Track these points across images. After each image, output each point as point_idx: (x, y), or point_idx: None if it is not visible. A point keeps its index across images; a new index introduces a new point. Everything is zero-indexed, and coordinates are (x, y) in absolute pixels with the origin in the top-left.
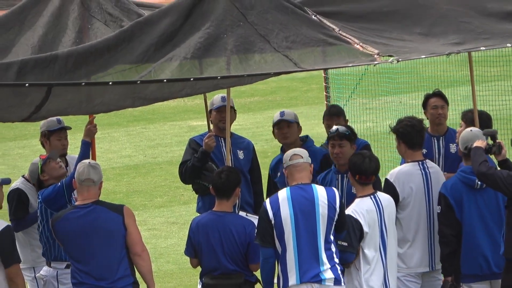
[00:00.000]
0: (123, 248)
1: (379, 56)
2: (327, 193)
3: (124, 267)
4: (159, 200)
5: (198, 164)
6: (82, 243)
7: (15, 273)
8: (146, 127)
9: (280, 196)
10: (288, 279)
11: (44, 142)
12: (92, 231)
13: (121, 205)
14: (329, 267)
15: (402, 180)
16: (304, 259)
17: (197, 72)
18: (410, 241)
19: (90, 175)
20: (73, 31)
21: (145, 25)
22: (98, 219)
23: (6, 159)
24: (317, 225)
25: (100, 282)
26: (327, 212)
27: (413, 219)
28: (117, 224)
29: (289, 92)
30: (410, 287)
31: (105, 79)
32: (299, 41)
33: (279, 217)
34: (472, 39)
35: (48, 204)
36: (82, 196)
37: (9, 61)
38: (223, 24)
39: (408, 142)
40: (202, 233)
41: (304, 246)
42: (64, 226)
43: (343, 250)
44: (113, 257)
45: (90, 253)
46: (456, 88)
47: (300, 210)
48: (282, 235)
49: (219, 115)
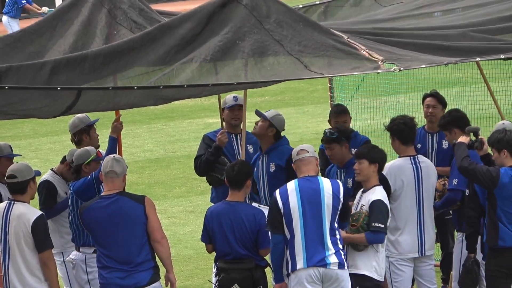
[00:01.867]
0: (144, 235)
1: (383, 63)
2: (332, 184)
3: (145, 253)
4: (178, 191)
5: (211, 158)
6: (107, 230)
7: (48, 257)
8: (166, 124)
9: (289, 187)
10: (296, 263)
11: (85, 137)
12: (116, 219)
13: (143, 196)
14: (334, 252)
15: (394, 173)
16: (310, 245)
17: (215, 73)
18: (401, 229)
19: (114, 167)
20: (101, 38)
21: (168, 29)
22: (121, 208)
23: (38, 153)
24: (322, 214)
25: (123, 265)
26: (332, 202)
27: (404, 209)
28: (139, 213)
29: (297, 92)
30: (402, 270)
31: (131, 77)
32: (310, 45)
33: (287, 206)
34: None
35: (79, 194)
36: (107, 187)
37: (43, 60)
38: (241, 30)
39: (402, 138)
40: (215, 221)
41: (310, 233)
42: (91, 214)
43: (378, 231)
44: (135, 243)
45: (114, 240)
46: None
47: (307, 200)
48: (290, 222)
49: (231, 113)
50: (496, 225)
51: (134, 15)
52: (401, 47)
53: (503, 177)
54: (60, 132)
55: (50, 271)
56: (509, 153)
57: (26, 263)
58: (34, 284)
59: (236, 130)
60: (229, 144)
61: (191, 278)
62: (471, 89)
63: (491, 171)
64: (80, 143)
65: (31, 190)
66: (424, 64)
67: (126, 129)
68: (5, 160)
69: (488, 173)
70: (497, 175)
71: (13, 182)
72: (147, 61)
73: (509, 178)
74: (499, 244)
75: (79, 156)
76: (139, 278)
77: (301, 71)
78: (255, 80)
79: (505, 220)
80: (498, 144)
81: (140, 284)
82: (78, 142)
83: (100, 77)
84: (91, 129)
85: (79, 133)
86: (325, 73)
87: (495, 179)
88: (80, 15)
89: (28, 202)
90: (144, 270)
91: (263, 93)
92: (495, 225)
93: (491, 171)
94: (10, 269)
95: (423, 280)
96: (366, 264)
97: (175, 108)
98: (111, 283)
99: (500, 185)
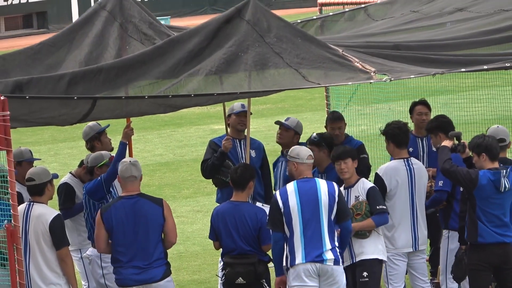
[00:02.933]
0: (160, 235)
1: (375, 74)
2: (328, 185)
3: (159, 250)
4: (186, 192)
5: (217, 162)
6: (127, 229)
7: (65, 254)
8: (175, 131)
9: (288, 188)
10: (295, 258)
11: (96, 143)
12: (136, 219)
13: (161, 199)
14: (330, 249)
15: (389, 174)
16: (308, 242)
17: (220, 83)
18: (396, 226)
19: (133, 172)
20: (113, 48)
21: (177, 43)
22: (142, 209)
23: (57, 157)
24: (320, 213)
25: (139, 262)
26: (328, 201)
27: (398, 207)
28: (157, 215)
29: (296, 100)
30: (397, 264)
31: (142, 87)
32: (308, 58)
33: (287, 206)
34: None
35: (90, 194)
36: (127, 189)
37: (62, 73)
38: (244, 44)
39: (396, 142)
40: (221, 219)
41: (308, 230)
42: (112, 214)
43: (383, 212)
44: (151, 242)
45: (133, 238)
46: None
47: (306, 200)
48: (290, 221)
49: (238, 118)
50: (475, 223)
51: (144, 28)
52: (391, 59)
53: (481, 179)
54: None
55: (68, 267)
56: (488, 157)
57: (45, 259)
58: (53, 278)
59: (240, 136)
60: (233, 149)
61: (199, 272)
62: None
63: (471, 173)
64: (93, 149)
65: (48, 192)
66: (413, 75)
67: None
68: (26, 164)
69: (468, 175)
70: (476, 177)
71: (32, 185)
72: (158, 72)
73: (487, 180)
74: (478, 241)
75: (93, 159)
76: (153, 274)
77: (299, 81)
78: (257, 90)
79: (484, 219)
80: (477, 148)
81: (155, 279)
82: (91, 149)
83: (113, 88)
84: (101, 135)
85: (90, 140)
86: (321, 83)
87: (474, 180)
88: (94, 28)
89: (46, 203)
90: (158, 267)
91: (265, 101)
92: (475, 223)
93: (471, 173)
94: (30, 265)
95: (416, 273)
96: (374, 249)
97: (183, 116)
98: (127, 278)
99: (479, 186)
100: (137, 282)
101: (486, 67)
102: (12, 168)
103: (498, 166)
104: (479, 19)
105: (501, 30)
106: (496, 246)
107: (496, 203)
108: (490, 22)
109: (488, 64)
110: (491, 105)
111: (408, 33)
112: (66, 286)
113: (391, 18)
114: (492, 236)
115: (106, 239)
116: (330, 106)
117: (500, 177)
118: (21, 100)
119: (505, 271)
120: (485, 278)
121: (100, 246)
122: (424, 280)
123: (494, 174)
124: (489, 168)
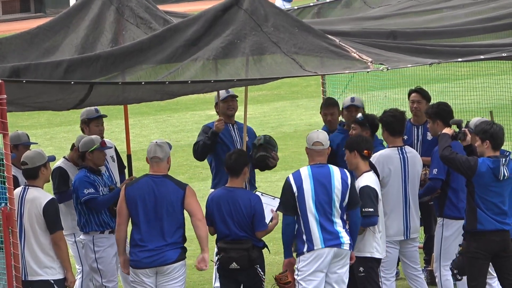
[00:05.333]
0: (180, 219)
1: (372, 64)
2: (341, 172)
3: (178, 235)
4: (182, 177)
5: (208, 142)
6: (148, 206)
7: (59, 237)
8: (171, 116)
9: (302, 173)
10: (313, 244)
11: (84, 128)
12: (158, 199)
13: (186, 184)
14: (344, 231)
15: (382, 162)
16: (324, 227)
17: (216, 71)
18: (388, 214)
19: (157, 153)
20: (110, 32)
21: (175, 31)
22: (165, 190)
23: (53, 141)
24: (333, 197)
25: (155, 243)
26: (340, 187)
27: (390, 195)
28: (179, 198)
29: (292, 87)
30: (389, 251)
31: (140, 75)
32: (305, 47)
33: (302, 190)
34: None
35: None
36: (153, 169)
37: (59, 60)
38: (241, 32)
39: (390, 129)
40: (215, 205)
41: (323, 216)
42: (136, 189)
43: (370, 215)
44: (171, 223)
45: (152, 217)
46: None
47: (320, 184)
48: (304, 206)
49: (226, 104)
50: (474, 210)
51: (141, 11)
52: (388, 50)
53: (481, 166)
54: (73, 122)
55: (62, 251)
56: (491, 145)
57: (39, 243)
58: (46, 262)
59: (231, 120)
60: (227, 132)
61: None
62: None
63: (470, 161)
64: (83, 132)
65: (43, 175)
66: (410, 64)
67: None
68: (22, 147)
69: (467, 162)
70: (475, 164)
71: (26, 169)
72: (155, 60)
73: (486, 167)
74: (477, 228)
75: (84, 144)
76: (168, 256)
77: (296, 70)
78: (255, 75)
79: (483, 206)
80: (483, 134)
81: (169, 261)
82: (82, 130)
83: (111, 75)
84: (91, 122)
85: (81, 123)
86: (319, 72)
87: (473, 168)
88: (90, 12)
89: (42, 186)
90: (173, 249)
91: (261, 87)
92: (473, 210)
93: (470, 161)
94: (25, 248)
95: (408, 261)
96: (368, 246)
97: (179, 101)
98: (141, 260)
99: (478, 174)
100: (150, 264)
101: (483, 57)
102: (8, 152)
103: (498, 155)
104: (475, 6)
105: (498, 18)
106: (495, 234)
107: (495, 191)
108: (486, 10)
109: (485, 54)
110: (487, 93)
111: (404, 18)
112: (60, 270)
113: (387, 5)
114: (491, 223)
115: (127, 213)
116: (326, 93)
117: (499, 165)
118: (18, 84)
119: (503, 259)
120: (483, 267)
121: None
122: (416, 268)
123: (493, 162)
124: (489, 156)
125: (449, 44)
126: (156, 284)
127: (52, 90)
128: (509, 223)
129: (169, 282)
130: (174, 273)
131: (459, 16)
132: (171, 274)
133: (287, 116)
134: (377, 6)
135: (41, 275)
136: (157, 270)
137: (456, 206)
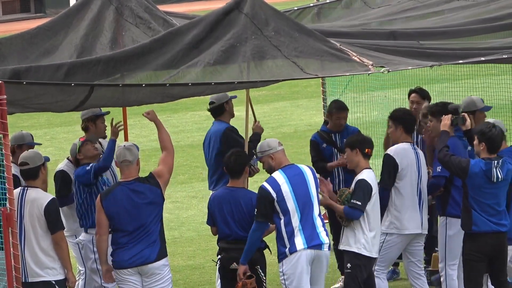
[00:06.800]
0: (159, 218)
1: (373, 67)
2: (310, 168)
3: (157, 232)
4: (182, 177)
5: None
6: (127, 214)
7: (60, 238)
8: (171, 116)
9: (277, 177)
10: (295, 245)
11: (91, 125)
12: (136, 203)
13: (151, 175)
14: (323, 231)
15: (400, 155)
16: (305, 228)
17: (217, 75)
18: (406, 207)
19: (126, 156)
20: (109, 32)
21: (175, 35)
22: (141, 192)
23: (53, 142)
24: (310, 196)
25: (140, 244)
26: (314, 184)
27: (408, 188)
28: (156, 196)
29: (292, 87)
30: (394, 245)
31: (141, 78)
32: (306, 51)
33: (281, 194)
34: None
35: (78, 179)
36: (124, 174)
37: (60, 63)
38: (242, 36)
39: (406, 126)
40: (217, 205)
41: (304, 216)
42: (112, 201)
43: (355, 208)
44: (150, 223)
45: (133, 221)
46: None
47: (296, 185)
48: (286, 209)
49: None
50: (469, 211)
51: (140, 11)
52: (389, 53)
53: (473, 167)
54: (73, 122)
55: (62, 251)
56: (487, 148)
57: (40, 244)
58: (48, 263)
59: None
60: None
61: (193, 258)
62: (452, 85)
63: (462, 162)
64: (87, 130)
65: (42, 175)
66: (411, 66)
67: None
68: (26, 147)
69: (459, 164)
70: (466, 166)
71: (26, 169)
72: (156, 64)
73: (479, 169)
74: (473, 229)
75: (71, 152)
76: (148, 255)
77: (297, 72)
78: (255, 78)
79: (477, 208)
80: (480, 136)
81: (149, 260)
82: (85, 129)
83: (111, 77)
84: (98, 118)
85: (86, 121)
86: (319, 74)
87: (465, 169)
88: (90, 12)
89: (40, 186)
90: (155, 247)
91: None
92: (469, 211)
93: (462, 162)
94: (25, 249)
95: (413, 259)
96: (356, 242)
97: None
98: (123, 260)
99: (471, 175)
100: (132, 264)
101: (483, 58)
102: (8, 152)
103: (492, 157)
104: (476, 8)
105: (498, 18)
106: (490, 235)
107: (489, 192)
108: (487, 11)
109: (485, 56)
110: (487, 93)
111: (405, 22)
112: (61, 270)
113: (387, 6)
114: (487, 225)
115: (107, 224)
116: (326, 93)
117: (491, 167)
118: (18, 85)
119: (498, 261)
120: (480, 269)
121: (101, 232)
122: (420, 267)
123: (486, 164)
124: (484, 158)
125: (450, 48)
126: (142, 284)
127: (52, 92)
128: (505, 224)
129: (155, 283)
130: (157, 274)
131: (459, 18)
132: (154, 276)
133: (287, 116)
134: (377, 7)
135: (42, 276)
136: (139, 270)
137: (459, 205)
